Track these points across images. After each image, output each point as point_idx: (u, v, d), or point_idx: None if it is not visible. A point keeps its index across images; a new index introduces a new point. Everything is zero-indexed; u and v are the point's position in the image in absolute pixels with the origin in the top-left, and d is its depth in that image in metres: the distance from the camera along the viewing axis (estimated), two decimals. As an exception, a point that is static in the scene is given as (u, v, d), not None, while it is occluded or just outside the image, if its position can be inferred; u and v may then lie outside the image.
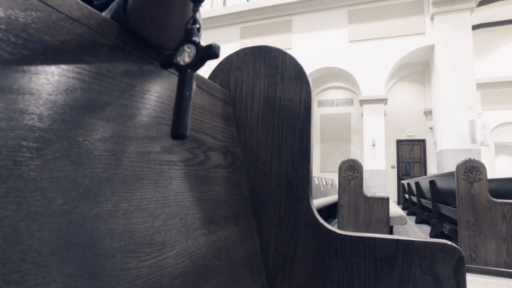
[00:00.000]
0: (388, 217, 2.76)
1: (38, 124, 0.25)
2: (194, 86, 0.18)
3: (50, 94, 0.27)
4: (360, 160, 9.84)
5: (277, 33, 9.43)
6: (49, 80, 0.27)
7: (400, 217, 2.79)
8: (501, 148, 11.42)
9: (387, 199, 2.78)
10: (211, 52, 0.16)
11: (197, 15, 0.20)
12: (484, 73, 11.03)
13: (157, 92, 0.41)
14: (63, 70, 0.29)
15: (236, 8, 9.80)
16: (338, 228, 2.88)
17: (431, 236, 4.08)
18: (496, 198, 3.73)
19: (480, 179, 2.65)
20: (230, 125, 0.61)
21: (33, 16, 0.27)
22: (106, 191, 0.30)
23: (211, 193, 0.48)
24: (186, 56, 0.17)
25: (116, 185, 0.32)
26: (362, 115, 8.59)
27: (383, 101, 8.17)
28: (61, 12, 0.30)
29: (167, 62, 0.18)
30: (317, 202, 3.91)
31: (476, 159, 2.66)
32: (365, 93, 8.29)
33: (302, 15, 9.28)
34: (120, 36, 0.37)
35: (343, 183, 2.90)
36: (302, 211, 0.57)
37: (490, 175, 11.06)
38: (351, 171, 2.88)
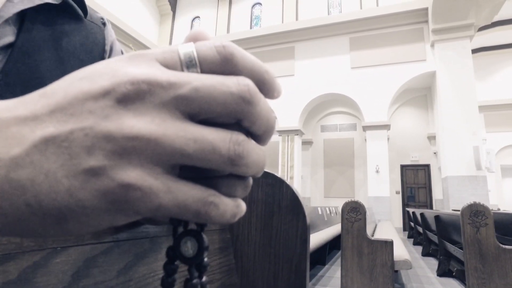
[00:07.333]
0: (392, 262, 2.70)
1: None
2: None
3: None
4: (364, 186, 9.78)
5: (280, 60, 9.62)
6: None
7: (405, 262, 2.72)
8: (507, 171, 11.29)
9: (391, 243, 2.73)
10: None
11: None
12: (487, 95, 11.08)
13: (152, 260, 0.42)
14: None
15: (239, 35, 10.06)
16: (342, 272, 2.82)
17: (438, 274, 3.96)
18: (505, 235, 3.64)
19: (487, 224, 2.59)
20: (227, 254, 0.61)
21: None
22: None
23: None
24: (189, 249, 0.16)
25: None
26: (365, 140, 8.59)
27: (386, 127, 8.19)
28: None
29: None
30: (320, 235, 3.85)
31: (482, 203, 2.62)
32: (368, 119, 8.32)
33: (305, 42, 9.49)
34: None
35: (346, 225, 2.86)
36: None
37: (497, 200, 10.86)
38: (354, 213, 2.85)
